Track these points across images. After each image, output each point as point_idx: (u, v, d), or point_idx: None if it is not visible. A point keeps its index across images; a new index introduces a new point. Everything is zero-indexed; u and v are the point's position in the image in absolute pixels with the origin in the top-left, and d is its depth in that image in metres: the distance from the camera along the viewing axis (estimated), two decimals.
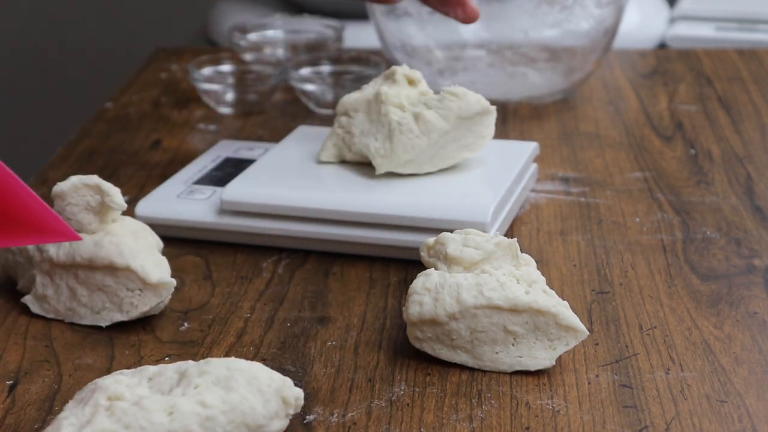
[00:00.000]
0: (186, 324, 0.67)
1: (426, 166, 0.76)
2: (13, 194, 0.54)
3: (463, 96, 0.76)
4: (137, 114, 1.03)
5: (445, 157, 0.77)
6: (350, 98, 0.78)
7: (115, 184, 0.67)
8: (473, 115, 0.76)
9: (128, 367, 0.61)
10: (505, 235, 0.75)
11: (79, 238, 0.57)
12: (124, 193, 0.67)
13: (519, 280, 0.61)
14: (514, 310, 0.60)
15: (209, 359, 0.54)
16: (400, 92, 0.77)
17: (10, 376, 0.62)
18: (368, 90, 0.78)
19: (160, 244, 0.70)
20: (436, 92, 0.77)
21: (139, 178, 0.88)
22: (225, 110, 1.02)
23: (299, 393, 0.54)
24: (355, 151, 0.78)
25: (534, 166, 0.83)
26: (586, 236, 0.77)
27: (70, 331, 0.66)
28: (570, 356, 0.62)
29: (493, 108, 0.77)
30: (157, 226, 0.74)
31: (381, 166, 0.76)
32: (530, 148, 0.82)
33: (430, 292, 0.61)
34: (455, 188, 0.75)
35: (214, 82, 1.02)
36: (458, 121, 0.76)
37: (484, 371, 0.61)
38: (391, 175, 0.76)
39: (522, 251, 0.65)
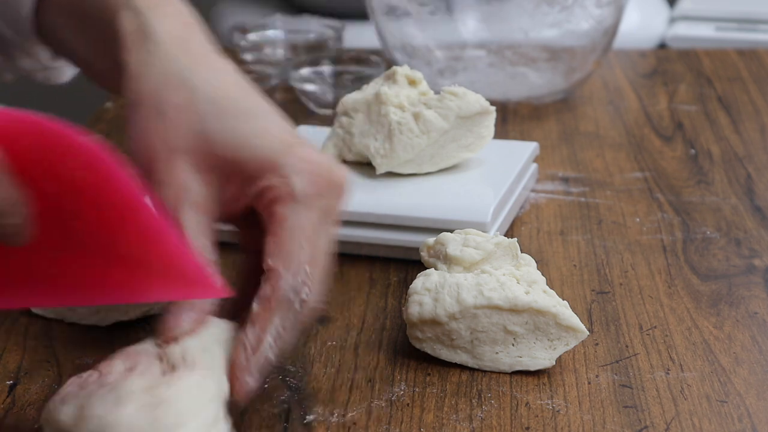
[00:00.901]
0: None
1: (426, 165, 0.76)
2: (155, 238, 0.51)
3: (463, 95, 0.76)
4: None
5: (445, 156, 0.77)
6: (350, 98, 0.78)
7: None
8: (473, 115, 0.76)
9: None
10: (505, 235, 0.75)
11: (231, 294, 0.52)
12: None
13: (519, 280, 0.61)
14: (514, 310, 0.60)
15: None
16: (400, 92, 0.77)
17: (10, 376, 0.62)
18: (369, 90, 0.78)
19: None
20: (436, 92, 0.77)
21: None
22: None
23: None
24: (355, 151, 0.77)
25: (534, 166, 0.83)
26: (586, 236, 0.77)
27: (70, 331, 0.66)
28: (570, 356, 0.62)
29: (493, 108, 0.77)
30: None
31: (381, 166, 0.76)
32: (530, 148, 0.82)
33: (430, 292, 0.61)
34: (455, 188, 0.75)
35: None
36: (458, 120, 0.76)
37: (484, 371, 0.61)
38: (391, 175, 0.76)
39: (522, 251, 0.65)
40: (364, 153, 0.77)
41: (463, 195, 0.74)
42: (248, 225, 0.59)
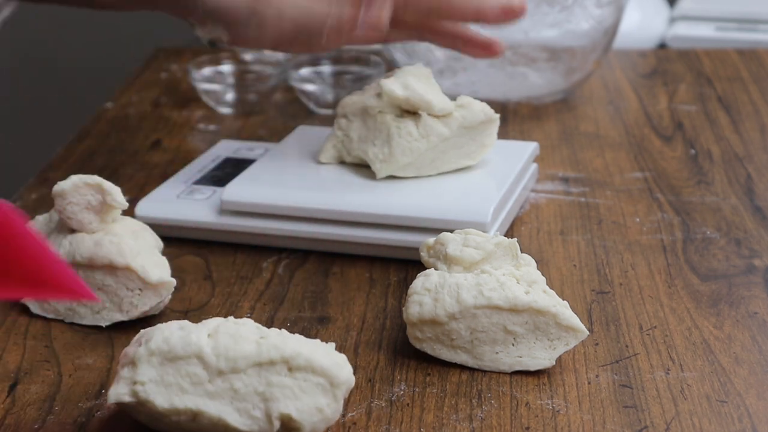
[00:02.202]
0: None
1: (426, 169, 0.76)
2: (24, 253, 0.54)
3: (468, 105, 0.76)
4: (137, 114, 1.03)
5: (446, 161, 0.76)
6: (350, 100, 0.78)
7: (115, 184, 0.67)
8: (477, 125, 0.76)
9: None
10: (505, 235, 0.75)
11: (97, 299, 0.56)
12: (124, 193, 0.67)
13: (519, 280, 0.61)
14: (514, 310, 0.60)
15: None
16: None
17: (10, 376, 0.62)
18: (369, 91, 0.78)
19: (160, 244, 0.70)
20: None
21: (139, 178, 0.88)
22: (225, 110, 1.02)
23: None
24: (353, 155, 0.77)
25: (534, 166, 0.83)
26: (586, 236, 0.77)
27: (70, 331, 0.66)
28: (570, 356, 0.62)
29: (497, 116, 0.77)
30: (157, 226, 0.74)
31: (381, 171, 0.76)
32: (530, 148, 0.82)
33: (430, 293, 0.61)
34: (455, 188, 0.75)
35: (214, 82, 1.02)
36: (461, 129, 0.75)
37: (484, 371, 0.61)
38: (391, 175, 0.76)
39: (522, 251, 0.65)
40: (363, 158, 0.77)
41: (463, 195, 0.74)
42: None
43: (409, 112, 0.75)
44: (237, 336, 0.53)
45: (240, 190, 0.75)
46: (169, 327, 0.54)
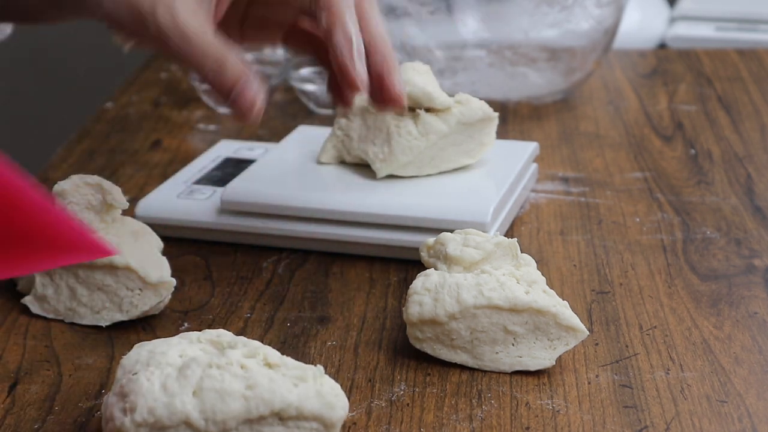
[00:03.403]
0: (186, 324, 0.67)
1: (426, 168, 0.76)
2: (35, 214, 0.52)
3: (467, 102, 0.76)
4: (137, 114, 1.03)
5: (446, 159, 0.76)
6: None
7: (115, 184, 0.67)
8: (475, 122, 0.76)
9: None
10: (505, 235, 0.75)
11: (118, 252, 0.56)
12: (124, 193, 0.67)
13: (519, 280, 0.61)
14: (514, 310, 0.60)
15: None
16: None
17: (10, 376, 0.62)
18: None
19: (160, 244, 0.70)
20: None
21: (139, 178, 0.88)
22: (225, 110, 1.02)
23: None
24: (354, 155, 0.77)
25: (534, 166, 0.83)
26: (586, 236, 0.77)
27: (70, 331, 0.66)
28: (570, 356, 0.62)
29: (495, 114, 0.77)
30: (157, 226, 0.74)
31: (381, 170, 0.76)
32: (530, 148, 0.82)
33: (430, 292, 0.61)
34: (455, 188, 0.75)
35: None
36: (459, 126, 0.75)
37: (484, 371, 0.61)
38: (391, 175, 0.76)
39: (522, 251, 0.65)
40: (363, 158, 0.77)
41: (463, 195, 0.74)
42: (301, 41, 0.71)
43: (409, 109, 0.75)
44: (223, 392, 0.51)
45: (240, 190, 0.75)
46: (152, 390, 0.51)
